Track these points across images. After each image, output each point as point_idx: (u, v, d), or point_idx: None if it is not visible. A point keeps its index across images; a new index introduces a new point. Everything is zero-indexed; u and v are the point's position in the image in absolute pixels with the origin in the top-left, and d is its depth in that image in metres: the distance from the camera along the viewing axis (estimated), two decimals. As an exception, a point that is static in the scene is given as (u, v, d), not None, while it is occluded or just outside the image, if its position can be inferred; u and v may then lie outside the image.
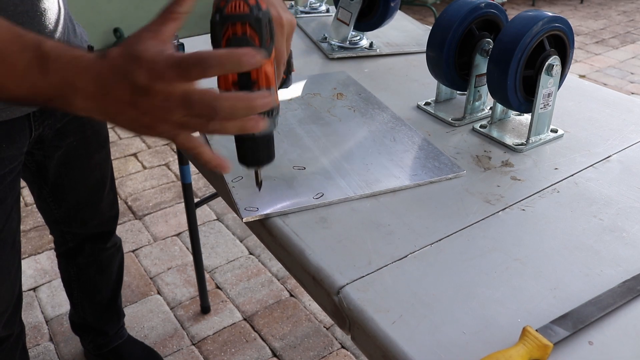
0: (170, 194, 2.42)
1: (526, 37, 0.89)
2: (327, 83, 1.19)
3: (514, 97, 0.94)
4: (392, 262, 0.71)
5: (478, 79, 1.04)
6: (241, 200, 0.82)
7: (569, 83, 1.19)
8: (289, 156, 0.93)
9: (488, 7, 1.01)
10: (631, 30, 4.73)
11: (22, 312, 1.22)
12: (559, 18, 0.92)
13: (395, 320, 0.62)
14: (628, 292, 0.66)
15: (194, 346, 1.71)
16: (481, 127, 1.02)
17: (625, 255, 0.73)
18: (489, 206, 0.82)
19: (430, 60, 1.06)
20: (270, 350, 1.69)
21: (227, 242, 2.15)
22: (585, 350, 0.60)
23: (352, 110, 1.08)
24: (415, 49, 1.40)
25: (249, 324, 1.78)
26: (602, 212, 0.81)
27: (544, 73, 0.91)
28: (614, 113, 1.09)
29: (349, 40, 1.38)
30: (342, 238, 0.75)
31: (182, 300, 1.88)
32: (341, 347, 1.70)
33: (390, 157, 0.92)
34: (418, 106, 1.11)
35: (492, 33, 1.03)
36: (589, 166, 0.92)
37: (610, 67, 3.93)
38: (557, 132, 1.00)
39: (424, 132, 1.01)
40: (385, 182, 0.86)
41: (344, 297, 0.66)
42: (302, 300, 1.86)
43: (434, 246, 0.74)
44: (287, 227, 0.77)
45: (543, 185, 0.87)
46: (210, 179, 0.95)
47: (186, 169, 1.52)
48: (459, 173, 0.89)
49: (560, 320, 0.62)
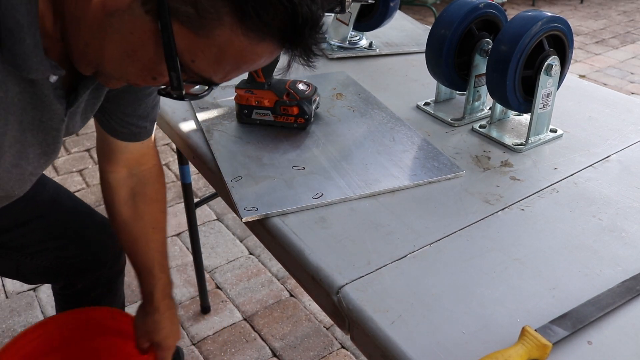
0: (170, 194, 2.42)
1: (525, 37, 0.89)
2: (326, 83, 1.20)
3: (513, 97, 0.94)
4: (391, 262, 0.71)
5: (477, 79, 1.04)
6: (241, 200, 0.82)
7: (568, 83, 1.19)
8: (288, 156, 0.93)
9: (487, 7, 1.01)
10: (631, 30, 4.73)
11: (23, 312, 1.22)
12: (558, 18, 0.92)
13: (395, 320, 0.62)
14: (627, 292, 0.66)
15: (194, 346, 1.71)
16: (480, 127, 1.02)
17: (625, 255, 0.73)
18: (488, 206, 0.82)
19: (430, 60, 1.06)
20: (270, 350, 1.69)
21: (227, 242, 2.15)
22: (584, 350, 0.60)
23: (352, 110, 1.08)
24: (415, 49, 1.40)
25: (249, 324, 1.78)
26: (601, 212, 0.81)
27: (543, 73, 0.91)
28: (614, 113, 1.09)
29: (349, 40, 1.38)
30: (341, 238, 0.75)
31: (182, 300, 1.88)
32: (341, 347, 1.70)
33: (390, 157, 0.92)
34: (417, 106, 1.11)
35: (491, 33, 1.03)
36: (589, 166, 0.92)
37: (610, 67, 3.92)
38: (557, 132, 1.00)
39: (424, 132, 1.02)
40: (384, 182, 0.86)
41: (344, 297, 0.66)
42: (302, 300, 1.86)
43: (433, 246, 0.74)
44: (287, 227, 0.77)
45: (542, 185, 0.87)
46: (210, 179, 0.95)
47: (186, 169, 1.52)
48: (459, 173, 0.89)
49: (560, 320, 0.62)
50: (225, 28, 0.51)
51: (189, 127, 1.03)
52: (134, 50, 0.55)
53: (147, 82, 0.60)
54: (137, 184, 0.96)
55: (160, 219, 1.00)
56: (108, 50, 0.55)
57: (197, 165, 0.98)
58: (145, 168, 0.96)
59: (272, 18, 0.50)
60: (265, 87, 0.99)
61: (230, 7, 0.50)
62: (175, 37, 0.51)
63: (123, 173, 0.95)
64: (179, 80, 0.55)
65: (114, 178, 0.94)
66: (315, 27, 0.53)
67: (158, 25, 0.51)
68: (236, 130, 1.01)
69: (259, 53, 0.54)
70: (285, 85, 0.99)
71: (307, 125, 1.00)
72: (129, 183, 0.96)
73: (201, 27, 0.51)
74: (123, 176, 0.95)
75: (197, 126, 1.03)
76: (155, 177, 0.98)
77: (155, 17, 0.51)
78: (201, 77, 0.57)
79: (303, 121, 1.00)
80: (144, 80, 0.60)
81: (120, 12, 0.52)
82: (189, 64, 0.55)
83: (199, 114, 1.06)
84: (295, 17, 0.50)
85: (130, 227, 0.97)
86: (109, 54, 0.56)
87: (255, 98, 1.00)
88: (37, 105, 0.62)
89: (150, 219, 0.97)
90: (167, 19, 0.50)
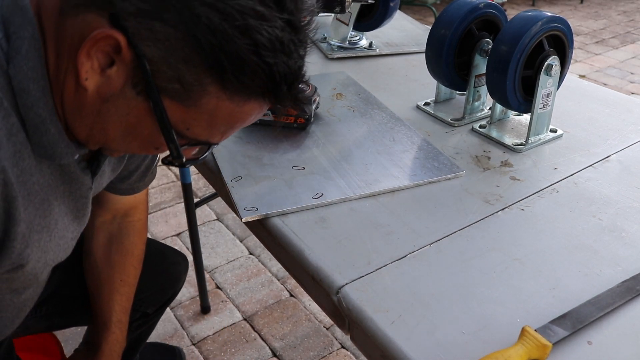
0: (170, 194, 2.42)
1: (525, 37, 0.89)
2: (326, 83, 1.20)
3: (513, 97, 0.94)
4: (391, 262, 0.71)
5: (477, 79, 1.04)
6: (241, 200, 0.82)
7: (568, 83, 1.19)
8: (288, 156, 0.93)
9: (487, 7, 1.01)
10: (631, 30, 4.73)
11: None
12: (558, 18, 0.92)
13: (395, 320, 0.62)
14: (627, 292, 0.66)
15: (194, 346, 1.71)
16: (480, 127, 1.02)
17: (625, 255, 0.73)
18: (488, 206, 0.82)
19: (430, 60, 1.06)
20: (270, 350, 1.69)
21: (227, 242, 2.15)
22: (584, 350, 0.60)
23: (352, 110, 1.08)
24: (415, 49, 1.40)
25: (249, 324, 1.78)
26: (601, 212, 0.81)
27: (543, 73, 0.91)
28: (614, 113, 1.09)
29: (349, 40, 1.38)
30: (341, 238, 0.75)
31: (182, 300, 1.88)
32: (341, 347, 1.70)
33: (390, 157, 0.92)
34: (417, 106, 1.11)
35: (491, 33, 1.03)
36: (588, 166, 0.92)
37: (610, 67, 3.92)
38: (557, 132, 1.00)
39: (424, 132, 1.02)
40: (384, 182, 0.86)
41: (343, 297, 0.66)
42: (302, 300, 1.86)
43: (433, 246, 0.74)
44: (287, 227, 0.77)
45: (542, 185, 0.87)
46: (210, 179, 0.95)
47: (186, 169, 1.52)
48: (458, 173, 0.89)
49: (560, 320, 0.62)
50: (212, 96, 0.54)
51: (189, 127, 1.03)
52: (133, 128, 0.58)
53: (151, 152, 0.65)
54: (117, 233, 0.99)
55: (131, 273, 0.99)
56: (110, 131, 0.59)
57: (197, 165, 0.98)
58: (129, 220, 1.00)
59: (251, 80, 0.53)
60: None
61: (213, 77, 0.53)
62: (167, 111, 0.55)
63: (107, 217, 0.98)
64: (177, 149, 0.58)
65: (98, 220, 0.98)
66: (295, 81, 0.57)
67: (150, 103, 0.55)
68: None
69: (247, 112, 0.58)
70: None
71: (307, 125, 1.00)
72: (110, 228, 0.99)
73: (189, 99, 0.55)
74: (106, 220, 0.98)
75: (197, 126, 1.03)
76: (137, 231, 1.00)
77: (147, 97, 0.55)
78: (199, 141, 0.61)
79: (303, 121, 1.00)
80: (148, 151, 0.65)
81: (115, 97, 0.55)
82: (185, 132, 0.58)
83: (199, 114, 1.06)
84: (273, 76, 0.53)
85: (99, 270, 0.98)
86: (112, 135, 0.60)
87: None
88: (66, 180, 0.67)
89: (120, 270, 0.98)
90: (157, 97, 0.54)
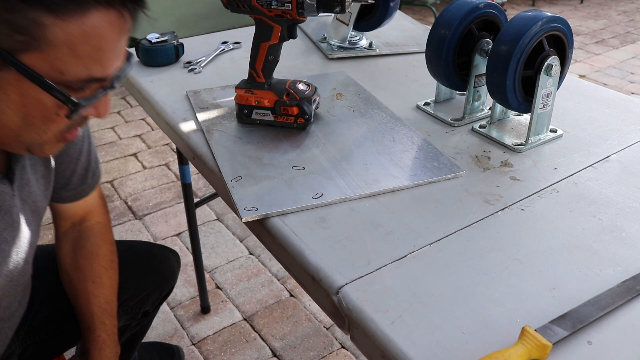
0: (170, 194, 2.42)
1: (525, 37, 0.89)
2: (326, 83, 1.20)
3: (513, 97, 0.94)
4: (391, 262, 0.71)
5: (477, 79, 1.04)
6: (241, 200, 0.82)
7: (568, 83, 1.19)
8: (288, 156, 0.93)
9: (487, 7, 1.01)
10: (631, 30, 4.73)
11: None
12: (558, 18, 0.92)
13: (395, 320, 0.63)
14: (627, 292, 0.66)
15: (194, 346, 1.71)
16: (480, 127, 1.02)
17: (625, 255, 0.73)
18: (488, 206, 0.82)
19: (430, 60, 1.06)
20: (270, 350, 1.69)
21: (227, 242, 2.15)
22: (584, 350, 0.60)
23: (352, 110, 1.08)
24: (415, 49, 1.40)
25: (249, 324, 1.78)
26: (601, 212, 0.81)
27: (543, 73, 0.91)
28: (614, 113, 1.09)
29: (349, 40, 1.38)
30: (341, 238, 0.75)
31: (182, 300, 1.88)
32: (341, 347, 1.70)
33: (390, 157, 0.92)
34: (417, 106, 1.11)
35: (491, 33, 1.03)
36: (588, 166, 0.92)
37: (610, 67, 3.92)
38: (557, 132, 1.00)
39: (424, 132, 1.02)
40: (384, 182, 0.86)
41: (343, 297, 0.66)
42: (302, 300, 1.86)
43: (433, 246, 0.74)
44: (287, 227, 0.77)
45: (542, 185, 0.87)
46: (210, 179, 0.95)
47: (186, 169, 1.52)
48: (458, 173, 0.89)
49: (560, 320, 0.62)
50: (52, 27, 0.53)
51: (189, 127, 1.03)
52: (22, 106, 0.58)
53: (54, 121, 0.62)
54: (78, 238, 1.00)
55: (102, 275, 0.99)
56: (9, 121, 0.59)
57: (197, 165, 0.98)
58: (87, 224, 1.01)
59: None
60: (265, 87, 0.99)
61: (37, 8, 0.52)
62: (31, 66, 0.54)
63: (67, 226, 1.00)
64: (62, 93, 0.56)
65: (60, 231, 1.00)
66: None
67: (13, 69, 0.54)
68: (236, 130, 1.01)
69: (98, 25, 0.55)
70: (285, 85, 0.99)
71: (307, 125, 1.00)
72: (72, 236, 1.01)
73: (38, 41, 0.53)
74: (67, 229, 1.00)
75: (197, 126, 1.03)
76: (97, 233, 1.01)
77: (6, 64, 0.54)
78: (84, 82, 0.59)
79: (303, 121, 1.00)
80: (56, 123, 0.62)
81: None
82: (61, 78, 0.56)
83: (199, 114, 1.06)
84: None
85: (70, 277, 1.00)
86: (13, 124, 0.59)
87: (255, 98, 1.00)
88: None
89: (90, 273, 0.99)
90: (12, 58, 0.53)
